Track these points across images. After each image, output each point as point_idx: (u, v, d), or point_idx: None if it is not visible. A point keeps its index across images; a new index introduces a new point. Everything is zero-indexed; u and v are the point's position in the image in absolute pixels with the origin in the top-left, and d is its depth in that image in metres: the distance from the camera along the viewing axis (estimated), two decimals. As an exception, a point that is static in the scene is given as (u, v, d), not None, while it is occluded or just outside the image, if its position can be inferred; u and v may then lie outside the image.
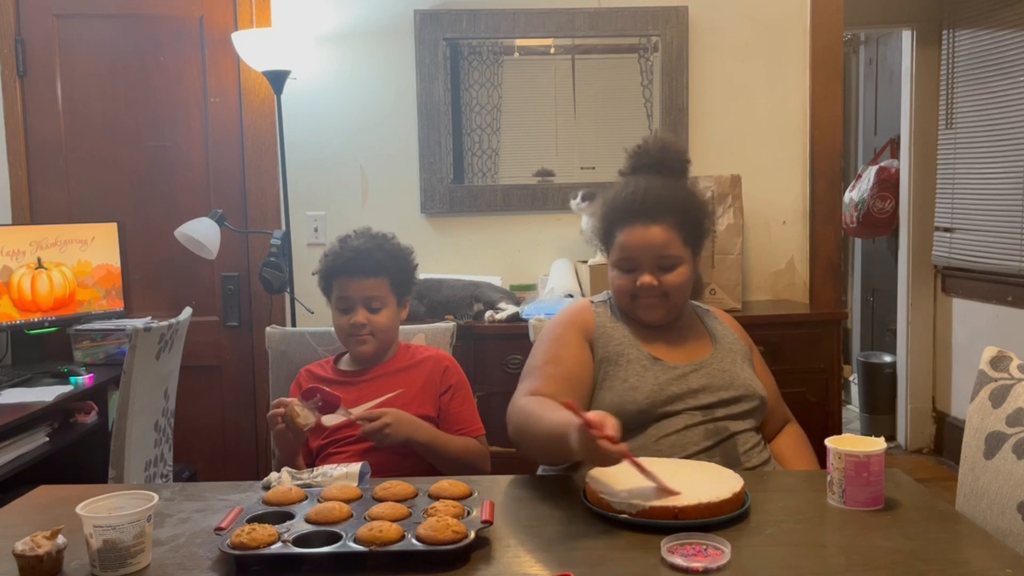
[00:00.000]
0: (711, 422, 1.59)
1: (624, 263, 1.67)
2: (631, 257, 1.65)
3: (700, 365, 1.65)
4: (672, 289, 1.65)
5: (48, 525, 1.18)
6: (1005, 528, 1.32)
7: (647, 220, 1.64)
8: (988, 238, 3.73)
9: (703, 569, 1.10)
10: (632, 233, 1.65)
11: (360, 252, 1.83)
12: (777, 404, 1.79)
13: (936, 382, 4.25)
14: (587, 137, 3.13)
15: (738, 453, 1.58)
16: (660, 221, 1.63)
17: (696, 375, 1.63)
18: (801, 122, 3.14)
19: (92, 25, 3.04)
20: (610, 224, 1.69)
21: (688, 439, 1.56)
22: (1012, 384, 1.43)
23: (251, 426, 3.13)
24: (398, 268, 1.86)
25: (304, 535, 1.19)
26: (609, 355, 1.65)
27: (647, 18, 3.06)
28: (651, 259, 1.64)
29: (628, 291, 1.67)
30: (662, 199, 1.65)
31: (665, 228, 1.64)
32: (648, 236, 1.63)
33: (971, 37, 3.83)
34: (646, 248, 1.64)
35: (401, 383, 1.80)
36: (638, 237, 1.64)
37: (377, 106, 3.09)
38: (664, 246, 1.64)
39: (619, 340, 1.67)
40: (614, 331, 1.68)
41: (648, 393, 1.58)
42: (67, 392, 2.51)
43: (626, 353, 1.64)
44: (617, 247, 1.68)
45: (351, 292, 1.82)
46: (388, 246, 1.86)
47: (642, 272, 1.64)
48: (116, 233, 2.98)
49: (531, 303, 2.75)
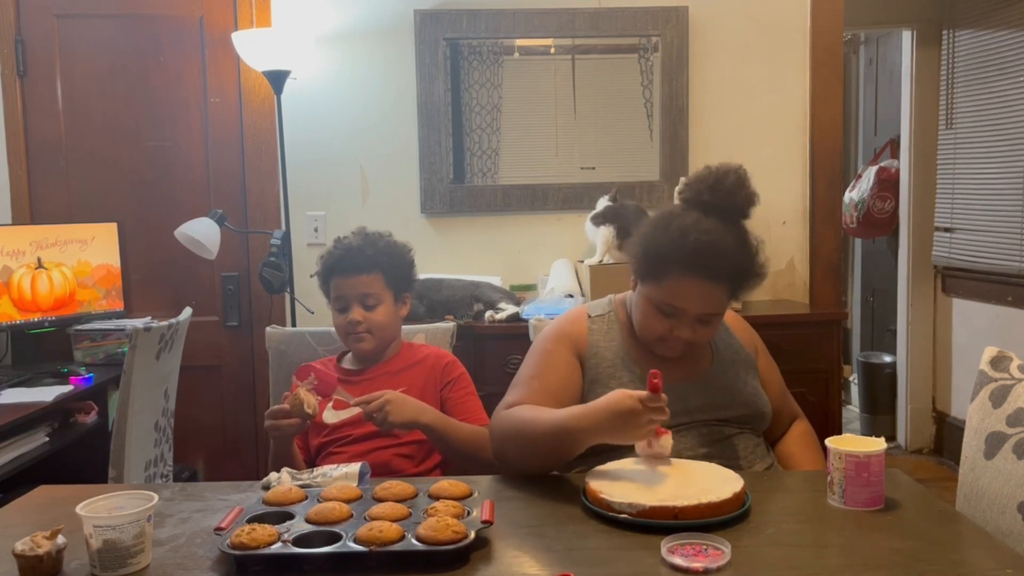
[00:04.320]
0: (704, 426, 1.56)
1: (667, 308, 1.53)
2: (679, 307, 1.52)
3: (698, 383, 1.60)
4: (701, 340, 1.58)
5: (48, 525, 1.18)
6: (1005, 528, 1.32)
7: (713, 278, 1.50)
8: (988, 238, 3.72)
9: (703, 569, 1.10)
10: (690, 287, 1.50)
11: (352, 250, 1.83)
12: (784, 402, 1.75)
13: (936, 382, 4.25)
14: (587, 137, 3.13)
15: (738, 457, 1.56)
16: (721, 282, 1.51)
17: (694, 393, 1.58)
18: (801, 122, 3.14)
19: (92, 25, 3.04)
20: (664, 262, 1.52)
21: (682, 444, 1.52)
22: (1012, 384, 1.43)
23: (251, 426, 3.13)
24: (392, 264, 1.86)
25: (304, 535, 1.19)
26: (600, 376, 1.59)
27: (647, 18, 3.06)
28: (699, 313, 1.52)
29: (659, 334, 1.56)
30: (734, 258, 1.52)
31: (724, 288, 1.52)
32: (705, 294, 1.51)
33: (971, 37, 3.83)
34: (700, 304, 1.52)
35: (403, 381, 1.80)
36: (696, 292, 1.50)
37: (377, 106, 3.09)
38: (716, 307, 1.53)
39: (611, 361, 1.61)
40: (607, 350, 1.62)
41: None
42: (67, 392, 2.51)
43: (618, 376, 1.58)
44: (667, 290, 1.52)
45: (346, 290, 1.82)
46: (381, 243, 1.87)
47: (682, 324, 1.53)
48: (116, 233, 2.98)
49: (531, 303, 2.75)
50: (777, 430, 1.73)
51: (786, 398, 1.77)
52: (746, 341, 1.73)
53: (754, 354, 1.73)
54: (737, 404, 1.60)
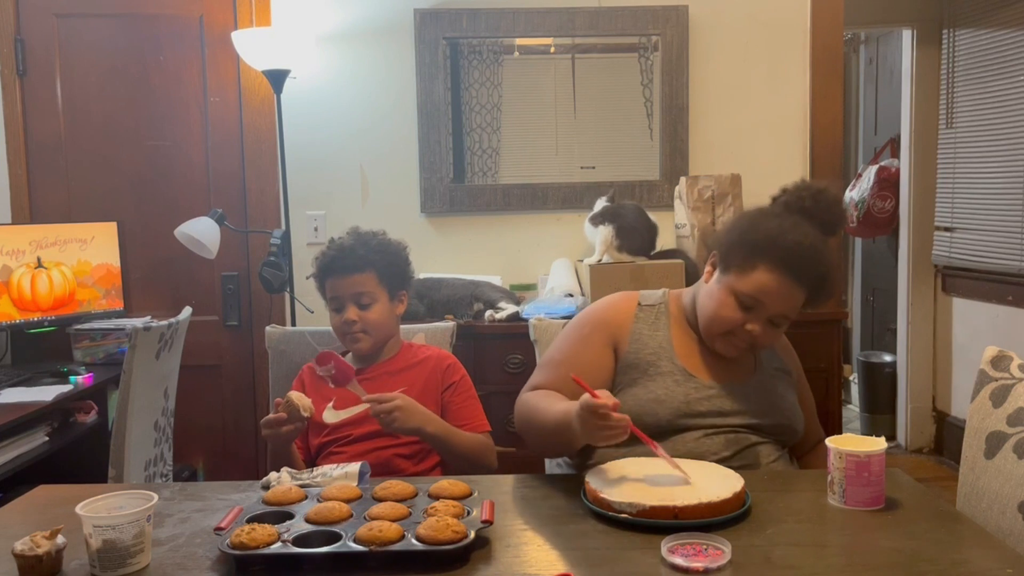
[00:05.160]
0: (732, 432, 1.56)
1: (748, 300, 1.54)
2: (760, 301, 1.53)
3: (739, 387, 1.60)
4: (764, 344, 1.59)
5: (48, 525, 1.18)
6: (1005, 528, 1.32)
7: (799, 279, 1.52)
8: (988, 238, 3.72)
9: (703, 569, 1.10)
10: (779, 282, 1.52)
11: (345, 250, 1.83)
12: (813, 426, 1.75)
13: (936, 382, 4.25)
14: (587, 137, 3.13)
15: (760, 465, 1.55)
16: (804, 286, 1.54)
17: (731, 398, 1.58)
18: (801, 122, 3.14)
19: (92, 25, 3.04)
20: (757, 253, 1.53)
21: (707, 447, 1.53)
22: (1013, 384, 1.43)
23: (251, 426, 3.13)
24: (385, 262, 1.85)
25: (304, 535, 1.19)
26: (639, 362, 1.60)
27: (647, 18, 3.05)
28: (775, 312, 1.55)
29: (731, 326, 1.56)
30: (822, 266, 1.54)
31: (803, 294, 1.55)
32: (791, 293, 1.53)
33: (971, 37, 3.83)
34: (781, 302, 1.54)
35: (403, 382, 1.79)
36: (782, 289, 1.52)
37: (377, 106, 3.09)
38: (795, 307, 1.56)
39: (653, 350, 1.61)
40: (651, 339, 1.63)
41: (674, 409, 1.54)
42: (67, 392, 2.50)
43: (658, 364, 1.59)
44: (754, 282, 1.53)
45: (340, 290, 1.82)
46: (374, 242, 1.86)
47: (758, 318, 1.54)
48: (116, 233, 2.98)
49: (531, 303, 2.75)
50: (802, 448, 1.74)
51: (815, 423, 1.78)
52: (788, 361, 1.75)
53: (795, 374, 1.74)
54: (774, 413, 1.60)
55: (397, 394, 1.65)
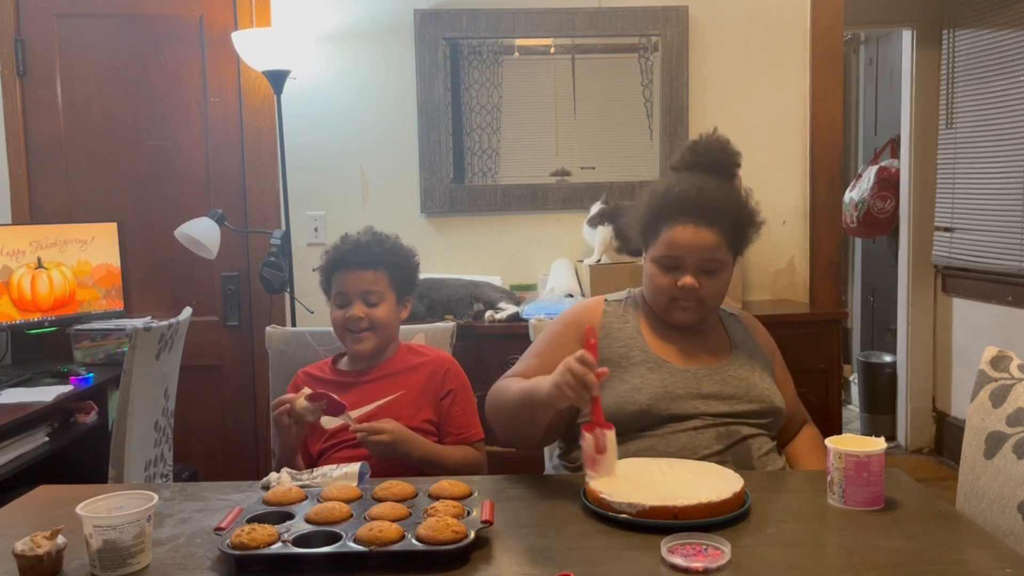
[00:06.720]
0: (723, 425, 1.56)
1: (667, 260, 1.60)
2: (677, 256, 1.59)
3: (713, 371, 1.62)
4: (710, 295, 1.62)
5: (48, 525, 1.18)
6: (1005, 528, 1.32)
7: (700, 221, 1.58)
8: (988, 238, 3.72)
9: (703, 569, 1.10)
10: (683, 231, 1.58)
11: (360, 245, 1.82)
12: (795, 409, 1.77)
13: (936, 382, 4.25)
14: (587, 137, 3.13)
15: (752, 458, 1.56)
16: (713, 224, 1.58)
17: (708, 380, 1.60)
18: (801, 122, 3.14)
19: (92, 25, 3.04)
20: (657, 219, 1.62)
21: (699, 441, 1.54)
22: (1012, 384, 1.43)
23: (251, 426, 3.13)
24: (397, 264, 1.85)
25: (304, 535, 1.19)
26: (611, 356, 1.61)
27: (647, 18, 3.06)
28: (697, 261, 1.59)
29: (668, 291, 1.61)
30: (719, 201, 1.60)
31: (716, 232, 1.58)
32: (699, 237, 1.58)
33: (971, 37, 3.83)
34: (695, 249, 1.58)
35: (400, 385, 1.78)
36: (689, 236, 1.58)
37: (377, 106, 3.09)
38: (713, 249, 1.59)
39: (624, 342, 1.64)
40: (620, 332, 1.66)
41: (651, 394, 1.56)
42: (67, 392, 2.51)
43: (630, 355, 1.61)
44: (663, 243, 1.61)
45: (348, 286, 1.80)
46: (388, 243, 1.85)
47: (685, 272, 1.59)
48: (116, 233, 2.98)
49: (531, 303, 2.75)
50: (788, 433, 1.75)
51: (798, 405, 1.79)
52: (764, 344, 1.76)
53: (771, 358, 1.75)
54: (752, 397, 1.61)
55: (386, 427, 1.64)
